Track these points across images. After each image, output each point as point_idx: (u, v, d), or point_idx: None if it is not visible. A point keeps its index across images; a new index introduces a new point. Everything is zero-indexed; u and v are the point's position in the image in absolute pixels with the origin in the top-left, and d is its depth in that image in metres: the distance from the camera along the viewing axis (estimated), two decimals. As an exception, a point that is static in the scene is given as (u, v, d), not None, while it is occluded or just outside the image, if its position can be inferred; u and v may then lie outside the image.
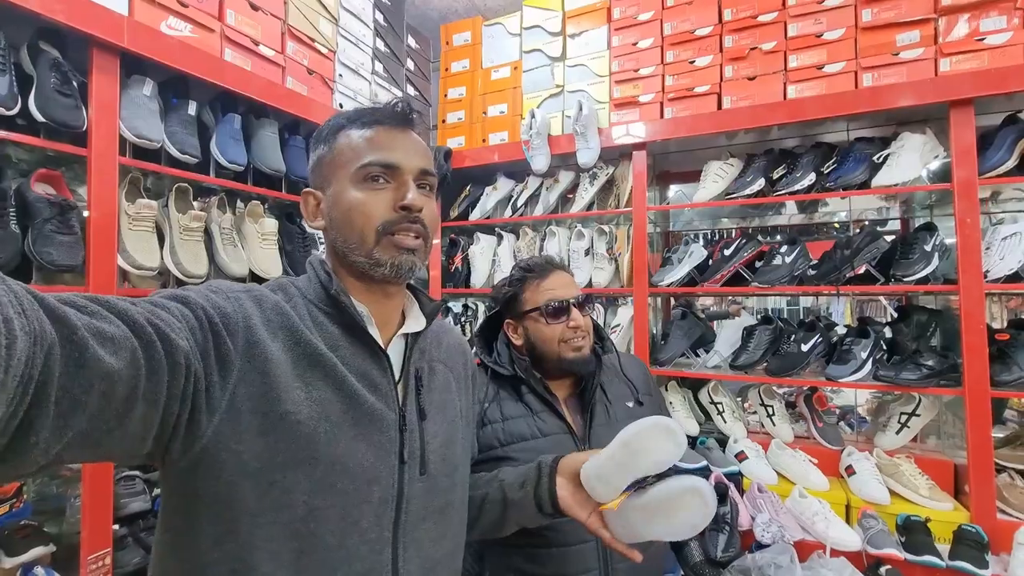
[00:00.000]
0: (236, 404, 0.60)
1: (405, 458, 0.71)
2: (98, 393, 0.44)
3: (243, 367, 0.61)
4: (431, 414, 0.77)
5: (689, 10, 2.10)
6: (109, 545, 1.27)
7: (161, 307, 0.56)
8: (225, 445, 0.59)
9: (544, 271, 1.22)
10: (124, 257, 1.31)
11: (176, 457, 0.58)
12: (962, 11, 1.70)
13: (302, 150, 1.85)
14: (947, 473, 1.81)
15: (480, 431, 1.13)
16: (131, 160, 1.37)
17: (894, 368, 1.75)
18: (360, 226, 0.70)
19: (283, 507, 0.62)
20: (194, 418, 0.57)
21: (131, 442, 0.51)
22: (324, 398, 0.66)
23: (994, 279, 1.64)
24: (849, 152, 1.89)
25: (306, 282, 0.75)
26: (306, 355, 0.67)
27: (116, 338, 0.46)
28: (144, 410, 0.50)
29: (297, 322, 0.68)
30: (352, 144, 0.72)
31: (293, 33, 1.80)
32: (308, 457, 0.63)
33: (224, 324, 0.61)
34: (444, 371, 0.84)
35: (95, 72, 1.26)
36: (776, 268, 1.96)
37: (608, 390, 1.23)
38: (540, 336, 1.19)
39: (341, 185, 0.72)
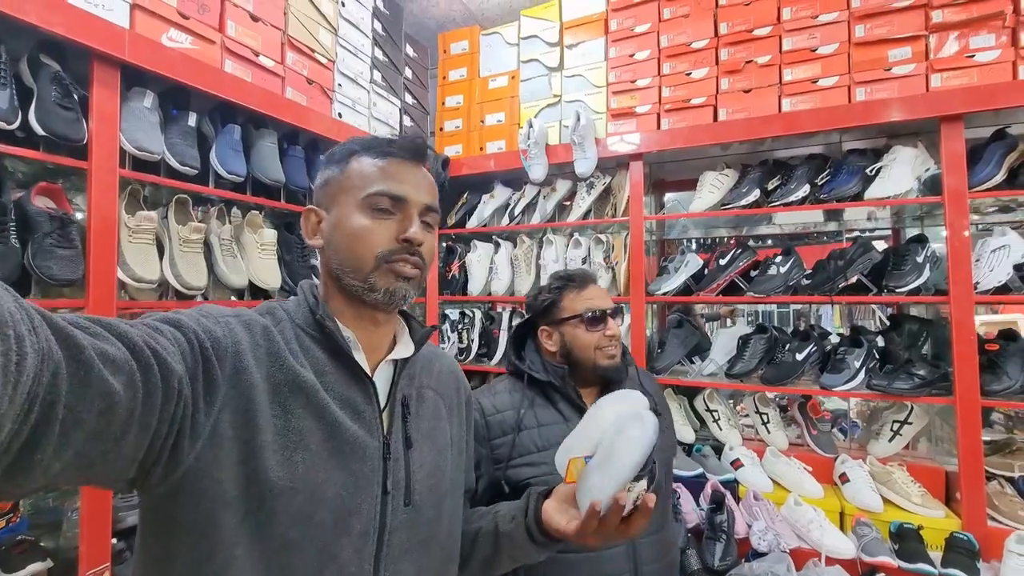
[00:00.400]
0: (219, 431, 0.59)
1: (389, 488, 0.70)
2: (98, 413, 0.44)
3: (228, 393, 0.61)
4: (418, 442, 0.76)
5: (686, 23, 2.12)
6: (108, 560, 1.26)
7: (156, 330, 0.56)
8: (206, 472, 0.58)
9: (583, 282, 1.28)
10: (124, 270, 1.31)
11: (156, 482, 0.57)
12: (952, 29, 1.74)
13: (301, 160, 1.85)
14: (939, 480, 1.84)
15: (517, 436, 1.18)
16: (131, 172, 1.37)
17: (887, 377, 1.78)
18: (360, 251, 0.71)
19: (257, 538, 0.61)
20: (178, 444, 0.56)
21: (121, 465, 0.51)
22: (304, 427, 0.65)
23: (984, 291, 1.68)
24: (842, 164, 1.92)
25: (295, 306, 0.74)
26: (287, 381, 0.66)
27: (118, 360, 0.47)
28: (137, 433, 0.50)
29: (282, 347, 0.68)
30: (363, 171, 0.73)
31: (293, 43, 1.81)
32: (285, 487, 0.62)
33: (214, 349, 0.61)
34: (434, 397, 0.83)
35: (96, 85, 1.26)
36: (771, 278, 1.99)
37: None
38: (578, 343, 1.24)
39: (347, 209, 0.72)
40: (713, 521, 1.72)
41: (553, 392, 1.24)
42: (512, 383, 1.28)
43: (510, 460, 1.16)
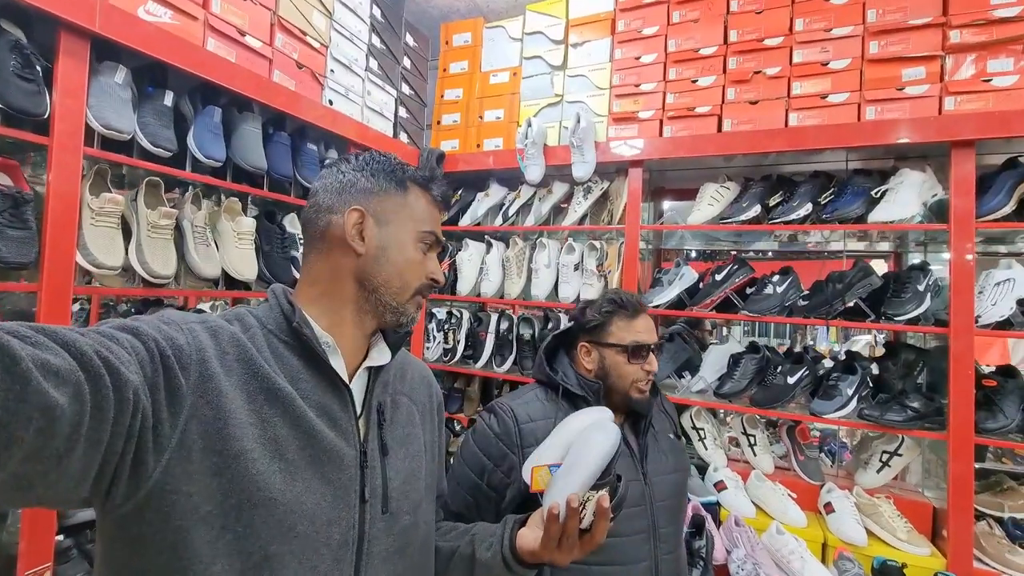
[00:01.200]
0: (187, 443, 0.56)
1: (367, 496, 0.69)
2: (36, 430, 0.41)
3: (195, 403, 0.58)
4: (393, 449, 0.75)
5: (695, 28, 2.05)
6: (50, 559, 1.19)
7: (110, 338, 0.53)
8: (175, 487, 0.55)
9: (636, 311, 1.26)
10: (84, 254, 1.23)
11: (119, 501, 0.54)
12: (970, 51, 1.67)
13: (287, 147, 1.78)
14: (926, 516, 1.78)
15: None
16: (99, 151, 1.29)
17: (879, 408, 1.73)
18: (408, 279, 0.75)
19: (237, 554, 0.58)
20: (140, 458, 0.53)
21: (67, 485, 0.47)
22: (280, 435, 0.63)
23: (984, 324, 1.62)
24: (847, 184, 1.85)
25: (266, 311, 0.72)
26: (263, 389, 0.64)
27: (61, 371, 0.43)
28: (85, 450, 0.47)
29: (255, 354, 0.66)
30: (425, 207, 0.79)
31: (283, 25, 1.73)
32: (264, 499, 0.60)
33: (176, 357, 0.58)
34: (408, 404, 0.83)
35: (62, 56, 1.18)
36: (767, 297, 1.93)
37: (655, 422, 1.29)
38: (617, 371, 1.23)
39: (406, 234, 0.76)
40: (692, 546, 1.66)
41: (584, 406, 1.22)
42: (544, 393, 1.27)
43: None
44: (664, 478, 1.22)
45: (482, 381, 2.57)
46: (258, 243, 1.70)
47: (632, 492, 1.17)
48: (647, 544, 1.16)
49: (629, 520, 1.15)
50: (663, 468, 1.23)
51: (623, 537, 1.15)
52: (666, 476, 1.23)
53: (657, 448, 1.25)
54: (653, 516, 1.18)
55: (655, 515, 1.18)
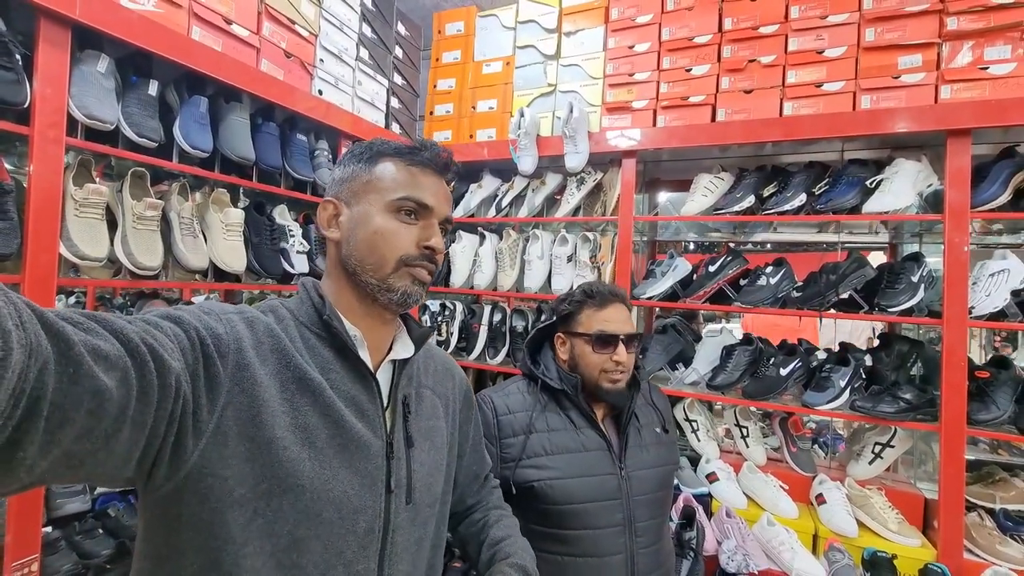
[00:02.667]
0: (223, 428, 0.59)
1: (392, 487, 0.71)
2: (87, 411, 0.43)
3: (232, 390, 0.60)
4: (418, 442, 0.77)
5: (689, 16, 2.02)
6: (37, 551, 1.19)
7: (155, 326, 0.56)
8: (211, 470, 0.58)
9: (605, 301, 1.26)
10: (67, 246, 1.22)
11: (160, 482, 0.57)
12: (967, 38, 1.64)
13: (275, 138, 1.76)
14: (917, 507, 1.78)
15: (528, 438, 1.20)
16: (82, 141, 1.27)
17: (871, 399, 1.72)
18: (383, 252, 0.73)
19: (267, 536, 0.61)
20: (180, 441, 0.56)
21: (114, 464, 0.50)
22: (311, 424, 0.65)
23: (978, 316, 1.61)
24: (842, 174, 1.83)
25: (297, 304, 0.75)
26: (295, 379, 0.66)
27: (110, 356, 0.46)
28: (131, 432, 0.49)
29: (288, 345, 0.68)
30: (394, 174, 0.75)
31: (270, 13, 1.70)
32: (293, 485, 0.62)
33: (216, 346, 0.61)
34: (431, 397, 0.84)
35: (42, 44, 1.16)
36: (760, 288, 1.92)
37: (640, 415, 1.29)
38: (584, 360, 1.24)
39: (372, 208, 0.74)
40: (682, 537, 1.66)
41: (565, 399, 1.25)
42: (526, 385, 1.30)
43: (520, 461, 1.18)
44: (645, 472, 1.22)
45: (476, 373, 2.57)
46: (247, 235, 1.68)
47: (608, 486, 1.18)
48: (622, 537, 1.16)
49: (604, 513, 1.16)
50: (644, 462, 1.23)
51: (597, 530, 1.16)
52: (647, 471, 1.23)
53: (639, 442, 1.25)
54: (630, 510, 1.18)
55: (632, 509, 1.18)
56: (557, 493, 1.16)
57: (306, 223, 1.97)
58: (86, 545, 1.31)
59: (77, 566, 1.28)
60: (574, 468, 1.17)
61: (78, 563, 1.28)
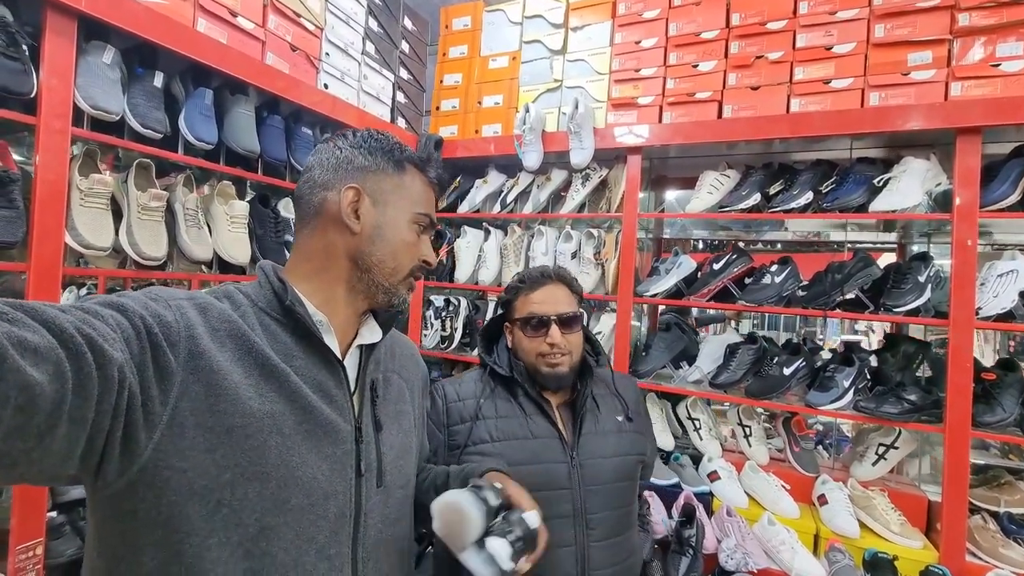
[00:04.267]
0: (178, 419, 0.57)
1: (363, 471, 0.71)
2: (16, 408, 0.40)
3: (185, 379, 0.58)
4: (387, 425, 0.77)
5: (696, 11, 2.00)
6: (41, 535, 1.21)
7: (94, 315, 0.52)
8: (167, 463, 0.56)
9: (535, 284, 1.23)
10: (72, 235, 1.23)
11: (111, 478, 0.54)
12: (979, 34, 1.62)
13: (280, 130, 1.77)
14: (920, 509, 1.77)
15: (474, 424, 1.17)
16: (87, 132, 1.29)
17: (875, 400, 1.71)
18: (402, 260, 0.76)
19: (233, 526, 0.59)
20: (130, 435, 0.53)
21: (53, 462, 0.47)
22: (276, 410, 0.64)
23: (985, 316, 1.59)
24: (849, 172, 1.81)
25: (256, 289, 0.72)
26: (258, 365, 0.64)
27: (40, 348, 0.43)
28: (69, 428, 0.46)
29: (247, 331, 0.66)
30: (420, 187, 0.79)
31: (276, 6, 1.71)
32: (258, 472, 0.61)
33: (164, 334, 0.58)
34: (399, 381, 0.85)
35: (48, 35, 1.17)
36: (765, 287, 1.90)
37: (600, 403, 1.26)
38: (520, 347, 1.23)
39: (401, 214, 0.76)
40: (681, 535, 1.67)
41: (515, 386, 1.23)
42: (480, 373, 1.28)
43: (464, 448, 1.16)
44: (600, 461, 1.18)
45: (479, 368, 2.57)
46: (251, 227, 1.69)
47: (556, 474, 1.14)
48: (571, 528, 1.12)
49: (551, 503, 1.09)
50: (599, 451, 1.19)
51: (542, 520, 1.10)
52: (603, 460, 1.18)
53: (596, 431, 1.21)
54: (582, 500, 1.14)
55: (584, 499, 1.14)
56: None
57: (310, 216, 1.98)
58: (89, 531, 1.33)
59: (81, 550, 1.29)
60: (520, 455, 1.13)
61: (82, 547, 1.30)
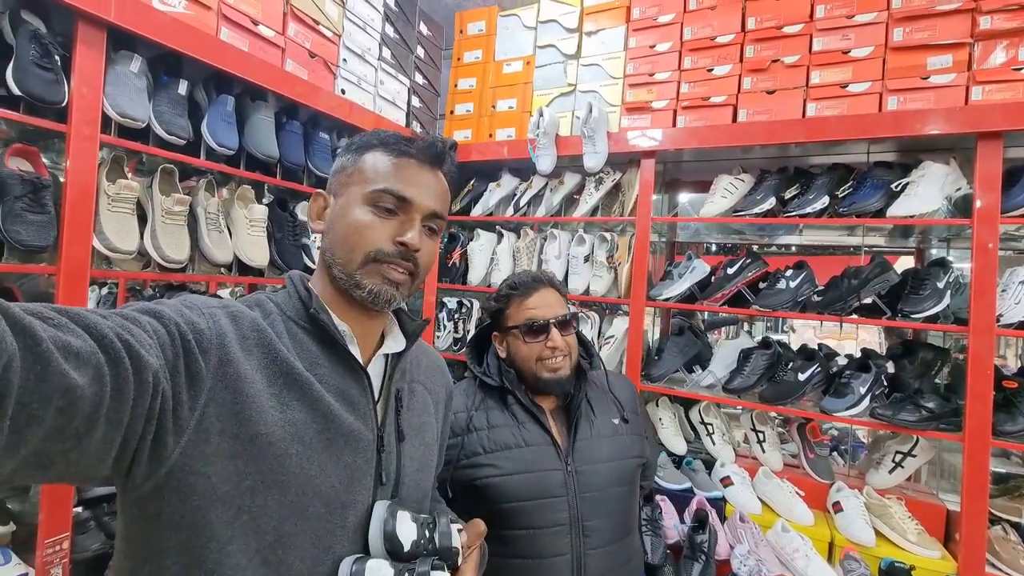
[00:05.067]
0: (205, 425, 0.58)
1: (384, 480, 0.71)
2: (57, 409, 0.42)
3: (214, 386, 0.59)
4: (409, 436, 0.76)
5: (712, 15, 2.00)
6: (68, 530, 1.24)
7: (132, 321, 0.54)
8: (193, 468, 0.57)
9: (528, 289, 1.22)
10: (100, 239, 1.27)
11: (139, 481, 0.55)
12: (1001, 37, 1.59)
13: (299, 136, 1.80)
14: (939, 518, 1.74)
15: (466, 437, 1.15)
16: (114, 139, 1.32)
17: (892, 407, 1.69)
18: (353, 245, 0.70)
19: (252, 533, 0.60)
20: (160, 439, 0.54)
21: (89, 463, 0.48)
22: (298, 419, 0.64)
23: (1006, 324, 1.56)
24: (866, 177, 1.80)
25: (285, 298, 0.73)
26: (282, 373, 0.65)
27: (82, 353, 0.44)
28: (105, 429, 0.47)
29: (274, 339, 0.66)
30: (376, 165, 0.72)
31: (296, 14, 1.74)
32: (277, 480, 0.61)
33: (197, 341, 0.59)
34: (423, 392, 0.83)
35: (79, 46, 1.21)
36: (779, 292, 1.89)
37: (595, 406, 1.24)
38: (519, 354, 1.22)
39: (351, 200, 0.72)
40: (693, 540, 1.66)
41: (507, 395, 1.21)
42: (468, 384, 1.26)
43: (457, 462, 1.14)
44: (596, 467, 1.16)
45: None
46: (270, 230, 1.73)
47: (551, 482, 1.12)
48: (567, 537, 1.10)
49: (546, 512, 1.10)
50: (596, 456, 1.17)
51: (538, 530, 1.10)
52: (599, 465, 1.16)
53: (591, 435, 1.19)
54: (578, 507, 1.12)
55: (580, 506, 1.12)
56: (495, 491, 1.11)
57: (327, 220, 2.01)
58: (114, 526, 1.37)
59: (105, 545, 1.33)
60: (514, 464, 1.12)
61: (106, 543, 1.33)
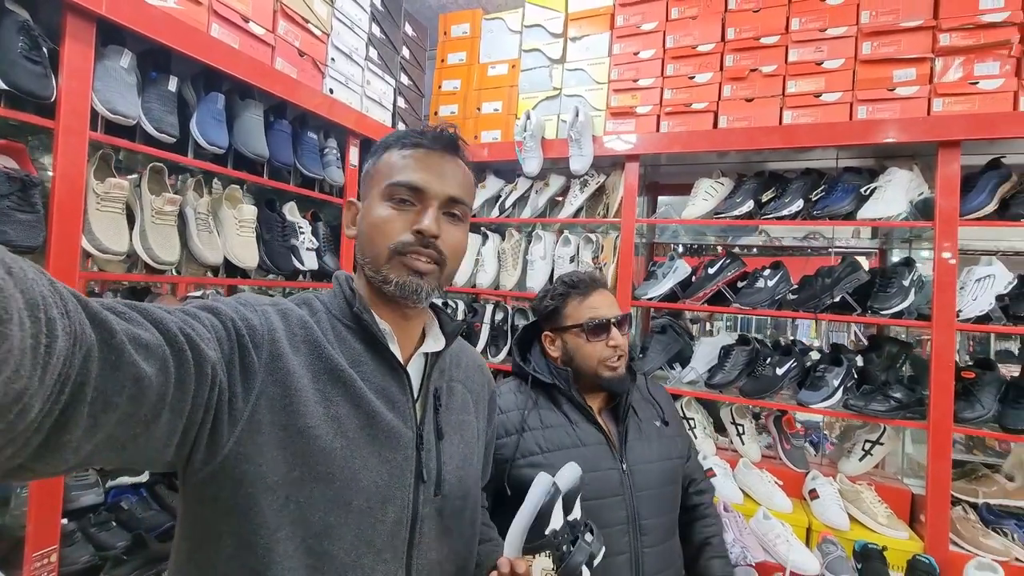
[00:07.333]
0: (257, 416, 0.61)
1: (425, 477, 0.72)
2: (129, 397, 0.45)
3: (265, 380, 0.62)
4: (448, 434, 0.77)
5: (693, 25, 2.08)
6: (56, 542, 1.20)
7: (193, 317, 0.58)
8: (246, 456, 0.60)
9: (588, 288, 1.23)
10: (89, 239, 1.23)
11: (198, 467, 0.59)
12: (959, 54, 1.72)
13: (287, 135, 1.78)
14: (905, 501, 1.86)
15: (521, 436, 1.15)
16: (103, 135, 1.28)
17: (864, 398, 1.79)
18: (377, 242, 0.72)
19: (299, 523, 0.62)
20: (216, 428, 0.58)
21: (154, 448, 0.52)
22: (342, 414, 0.66)
23: (966, 319, 1.69)
24: (838, 182, 1.91)
25: (331, 297, 0.76)
26: (327, 370, 0.67)
27: (150, 345, 0.48)
28: (169, 417, 0.51)
29: (320, 337, 0.69)
30: (391, 162, 0.74)
31: (286, 12, 1.72)
32: (324, 473, 0.63)
33: (251, 336, 0.63)
34: (463, 391, 0.84)
35: (68, 39, 1.17)
36: (758, 291, 1.98)
37: (639, 409, 1.26)
38: (580, 352, 1.20)
39: (372, 200, 0.74)
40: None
41: (558, 394, 1.21)
42: (518, 384, 1.25)
43: (514, 461, 1.13)
44: (648, 466, 1.19)
45: (477, 371, 2.59)
46: (259, 231, 1.70)
47: (610, 481, 1.13)
48: (626, 536, 1.11)
49: (606, 511, 1.11)
50: (647, 456, 1.20)
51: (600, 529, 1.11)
52: (650, 464, 1.19)
53: (640, 435, 1.22)
54: (634, 506, 1.13)
55: (636, 505, 1.14)
56: None
57: (314, 220, 1.99)
58: (101, 537, 1.32)
59: (94, 557, 1.28)
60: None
61: (95, 555, 1.29)
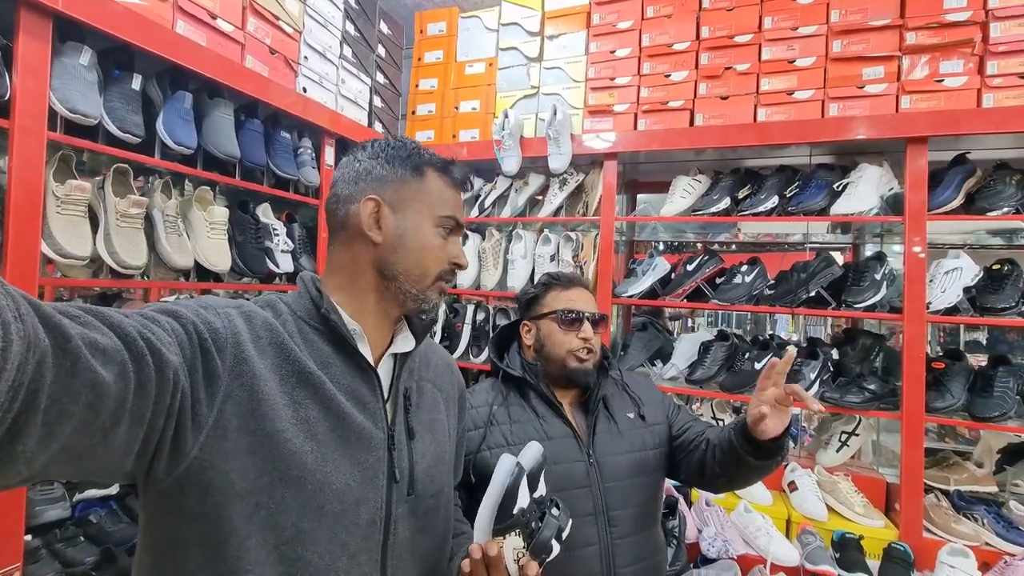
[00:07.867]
0: (223, 422, 0.59)
1: (397, 478, 0.72)
2: (86, 404, 0.43)
3: (230, 384, 0.61)
4: (420, 433, 0.78)
5: (668, 23, 2.09)
6: (19, 560, 1.15)
7: (153, 321, 0.56)
8: (211, 463, 0.58)
9: (569, 283, 1.28)
10: (49, 243, 1.18)
11: (160, 476, 0.57)
12: (924, 52, 1.76)
13: (259, 135, 1.74)
14: (880, 491, 1.90)
15: (488, 429, 1.17)
16: (62, 136, 1.23)
17: (839, 390, 1.83)
18: (427, 266, 0.75)
19: (270, 529, 0.61)
20: (179, 435, 0.56)
21: (113, 458, 0.50)
22: (312, 416, 0.66)
23: (935, 311, 1.73)
24: (811, 178, 1.94)
25: (296, 298, 0.75)
26: (295, 372, 0.67)
27: (108, 350, 0.46)
28: (129, 425, 0.49)
29: (286, 339, 0.68)
30: (443, 190, 0.78)
31: (256, 9, 1.68)
32: (295, 477, 0.62)
33: (213, 340, 0.61)
34: (432, 390, 0.85)
35: (22, 35, 1.12)
36: (736, 286, 2.01)
37: (611, 403, 1.27)
38: (551, 340, 1.24)
39: (422, 220, 0.76)
40: (665, 526, 1.73)
41: (528, 389, 1.23)
42: (492, 382, 1.29)
43: (479, 451, 1.15)
44: (615, 458, 1.19)
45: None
46: (231, 233, 1.66)
47: (575, 473, 1.14)
48: (594, 527, 1.12)
49: (572, 502, 1.09)
50: (615, 448, 1.20)
51: None
52: (618, 456, 1.19)
53: (610, 427, 1.22)
54: (602, 498, 1.14)
55: (604, 496, 1.15)
56: None
57: (289, 222, 1.95)
58: (68, 553, 1.28)
59: (60, 574, 1.23)
60: None
61: (61, 571, 1.24)
